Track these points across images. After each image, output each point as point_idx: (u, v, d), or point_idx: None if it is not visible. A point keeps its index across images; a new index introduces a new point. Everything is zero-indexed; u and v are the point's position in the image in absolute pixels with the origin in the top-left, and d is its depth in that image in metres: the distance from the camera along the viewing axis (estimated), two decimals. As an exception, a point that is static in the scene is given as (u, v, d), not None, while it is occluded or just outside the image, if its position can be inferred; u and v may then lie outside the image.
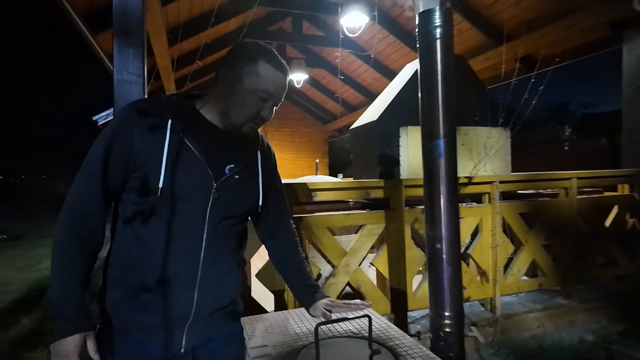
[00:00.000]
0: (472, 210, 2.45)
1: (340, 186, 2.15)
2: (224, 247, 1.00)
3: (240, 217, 1.05)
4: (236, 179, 1.01)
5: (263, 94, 0.97)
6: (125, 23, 1.73)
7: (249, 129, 1.02)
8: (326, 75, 7.42)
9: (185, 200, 0.93)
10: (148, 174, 0.91)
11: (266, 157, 1.14)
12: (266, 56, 0.98)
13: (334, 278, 2.13)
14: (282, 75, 1.00)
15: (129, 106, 0.96)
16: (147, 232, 0.92)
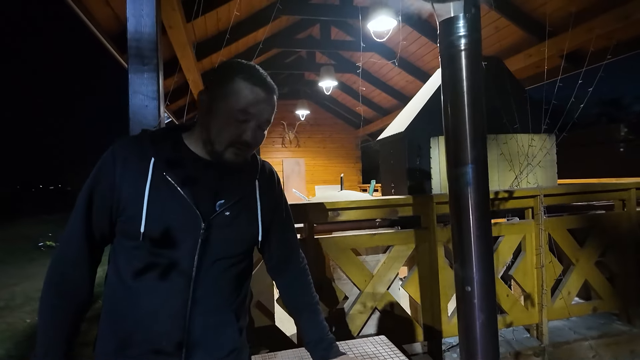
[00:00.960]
0: (514, 228, 2.23)
1: (364, 205, 2.02)
2: (217, 295, 0.91)
3: (236, 257, 0.95)
4: (227, 215, 0.91)
5: (241, 115, 0.86)
6: (140, 48, 1.71)
7: (233, 155, 0.89)
8: (357, 79, 7.28)
9: (171, 245, 0.85)
10: (131, 216, 0.84)
11: (267, 185, 1.03)
12: (243, 72, 0.88)
13: (361, 304, 1.99)
14: (263, 92, 0.88)
15: (112, 147, 0.90)
16: (132, 282, 0.86)
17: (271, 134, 8.74)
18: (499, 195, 2.16)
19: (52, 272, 0.87)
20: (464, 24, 0.96)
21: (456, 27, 0.97)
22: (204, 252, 0.87)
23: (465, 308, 1.02)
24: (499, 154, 2.46)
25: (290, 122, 8.68)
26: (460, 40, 0.97)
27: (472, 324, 1.01)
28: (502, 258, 2.19)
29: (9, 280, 6.37)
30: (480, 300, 0.99)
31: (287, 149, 8.82)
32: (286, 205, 1.12)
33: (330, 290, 1.99)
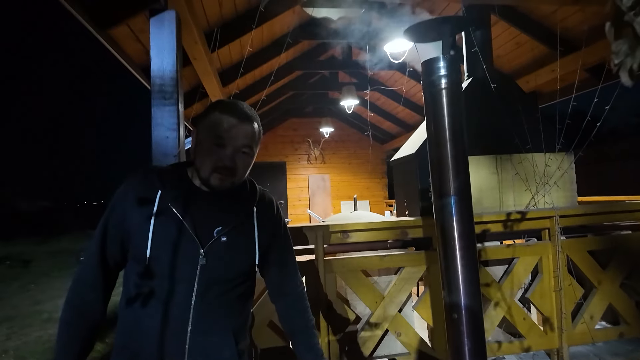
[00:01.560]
0: (530, 249, 2.19)
1: (374, 227, 2.07)
2: (215, 317, 0.99)
3: (234, 280, 1.03)
4: (224, 241, 0.99)
5: (217, 140, 0.97)
6: (162, 85, 1.87)
7: (217, 180, 0.98)
8: (380, 96, 7.34)
9: (173, 269, 0.95)
10: (138, 244, 0.95)
11: (265, 212, 1.11)
12: (219, 107, 1.00)
13: (372, 325, 2.02)
14: (235, 119, 0.98)
15: (125, 183, 1.02)
16: (138, 303, 0.96)
17: (297, 151, 8.92)
18: (511, 217, 2.14)
19: (72, 293, 0.99)
20: (443, 65, 1.02)
21: (437, 68, 1.03)
22: (203, 277, 0.96)
23: (453, 335, 1.05)
24: (514, 174, 2.44)
25: (315, 139, 8.83)
26: (440, 80, 1.02)
27: (460, 350, 1.03)
28: (518, 280, 2.16)
29: (53, 292, 6.79)
30: (468, 327, 1.02)
31: (312, 166, 8.95)
32: (285, 232, 1.19)
33: (341, 312, 2.04)
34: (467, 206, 1.03)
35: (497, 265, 2.24)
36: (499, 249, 2.18)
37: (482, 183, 2.44)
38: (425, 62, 1.06)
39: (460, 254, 1.02)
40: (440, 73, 1.02)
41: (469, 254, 1.02)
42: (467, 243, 1.02)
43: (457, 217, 1.02)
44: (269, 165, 8.70)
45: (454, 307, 1.04)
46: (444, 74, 1.02)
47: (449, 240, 1.04)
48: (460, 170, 1.03)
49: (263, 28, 4.00)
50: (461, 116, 1.04)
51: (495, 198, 2.45)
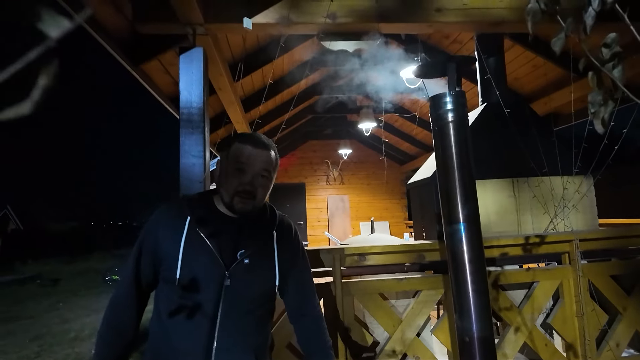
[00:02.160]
0: (549, 273, 2.17)
1: (390, 250, 2.11)
2: (238, 336, 1.06)
3: (256, 301, 1.10)
4: (246, 263, 1.07)
5: (238, 165, 1.08)
6: (190, 115, 2.02)
7: (240, 204, 1.08)
8: (398, 118, 7.43)
9: (199, 290, 1.03)
10: (169, 266, 1.04)
11: (284, 235, 1.20)
12: (240, 138, 1.12)
13: (390, 349, 2.04)
14: (253, 148, 1.09)
15: (157, 211, 1.14)
16: (167, 321, 1.04)
17: (316, 173, 9.04)
18: (530, 240, 2.14)
19: (109, 312, 1.09)
20: (450, 100, 1.10)
21: (443, 102, 1.10)
22: (227, 297, 1.04)
23: (465, 358, 1.08)
24: (532, 197, 2.45)
25: (334, 161, 8.94)
26: (447, 114, 1.10)
27: (473, 374, 1.06)
28: (538, 304, 2.14)
29: (80, 311, 7.01)
30: (480, 352, 1.05)
31: (331, 187, 9.03)
32: (303, 255, 1.27)
33: (359, 334, 2.06)
34: (476, 232, 1.08)
35: (517, 289, 2.22)
36: (518, 273, 2.17)
37: (499, 206, 2.45)
38: (432, 97, 1.13)
39: (471, 278, 1.07)
40: (447, 107, 1.10)
41: (479, 278, 1.07)
42: (477, 267, 1.07)
43: (466, 243, 1.07)
44: (289, 186, 8.83)
45: (466, 330, 1.07)
46: (451, 108, 1.09)
47: (460, 266, 1.08)
48: (469, 198, 1.09)
49: (284, 57, 4.19)
50: (467, 147, 1.11)
51: (513, 221, 2.45)
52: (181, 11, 1.97)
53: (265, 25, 2.18)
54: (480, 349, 1.05)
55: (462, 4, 2.30)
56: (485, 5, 2.31)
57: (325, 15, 2.16)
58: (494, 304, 2.09)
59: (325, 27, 2.22)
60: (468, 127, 1.11)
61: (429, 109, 1.15)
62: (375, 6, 2.21)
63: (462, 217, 1.07)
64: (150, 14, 2.13)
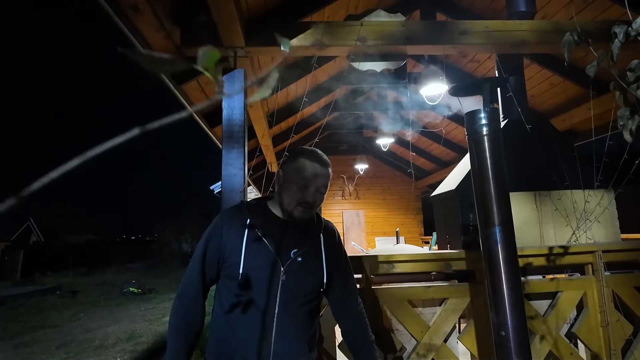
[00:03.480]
0: (573, 283, 2.24)
1: (417, 258, 2.21)
2: (293, 327, 1.18)
3: (307, 296, 1.23)
4: (299, 261, 1.21)
5: (303, 181, 1.20)
6: (232, 132, 2.18)
7: (300, 212, 1.22)
8: (414, 134, 7.55)
9: (260, 284, 1.16)
10: (232, 263, 1.17)
11: (330, 238, 1.33)
12: (305, 154, 1.25)
13: (417, 354, 2.11)
14: (319, 166, 1.23)
15: (221, 214, 1.28)
16: (231, 314, 1.16)
17: (332, 187, 9.17)
18: (553, 251, 2.22)
19: (178, 305, 1.22)
20: (484, 116, 1.23)
21: (478, 118, 1.23)
22: (283, 291, 1.17)
23: (501, 352, 1.17)
24: (554, 210, 2.53)
25: (349, 176, 9.08)
26: (482, 128, 1.22)
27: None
28: (562, 314, 2.20)
29: (102, 321, 7.16)
30: (515, 344, 1.15)
31: (346, 201, 9.14)
32: (346, 256, 1.40)
33: (387, 340, 2.15)
34: (510, 235, 1.19)
35: (541, 299, 2.29)
36: (542, 283, 2.24)
37: (522, 219, 2.54)
38: (468, 113, 1.27)
39: (505, 277, 1.17)
40: (482, 122, 1.23)
41: (513, 277, 1.17)
42: (511, 267, 1.17)
43: (501, 244, 1.18)
44: (305, 201, 8.97)
45: (502, 325, 1.17)
46: (485, 123, 1.22)
47: (495, 266, 1.19)
48: (503, 204, 1.20)
49: (307, 77, 4.39)
50: (501, 158, 1.23)
51: (536, 233, 2.53)
52: (226, 36, 2.16)
53: (301, 47, 2.36)
54: (516, 341, 1.14)
55: (484, 27, 2.45)
56: (507, 28, 2.46)
57: (356, 39, 2.33)
58: (520, 312, 2.16)
59: (356, 49, 2.39)
60: (501, 140, 1.23)
61: (465, 124, 1.28)
62: (403, 30, 2.37)
63: (497, 221, 1.18)
64: (195, 38, 2.33)
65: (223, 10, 1.90)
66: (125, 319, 7.34)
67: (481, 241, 1.24)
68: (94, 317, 7.64)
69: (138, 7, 2.00)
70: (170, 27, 2.27)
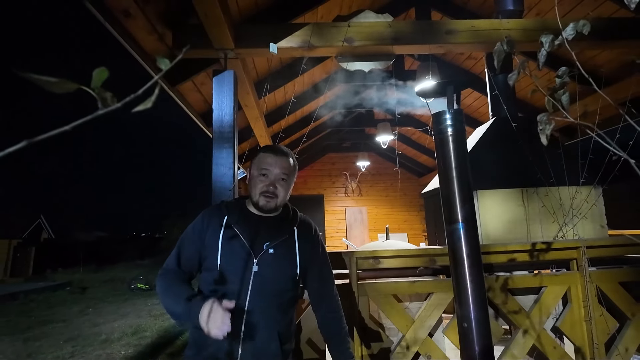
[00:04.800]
0: (557, 279, 2.27)
1: (403, 254, 2.26)
2: (263, 318, 1.24)
3: (280, 287, 1.29)
4: (271, 253, 1.28)
5: (262, 171, 1.31)
6: (222, 132, 2.25)
7: (265, 202, 1.30)
8: (415, 131, 7.57)
9: (234, 277, 1.23)
10: (210, 256, 1.26)
11: (304, 232, 1.40)
12: (262, 148, 1.36)
13: (403, 347, 2.17)
14: (274, 155, 1.32)
15: (202, 213, 1.36)
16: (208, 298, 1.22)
17: (334, 185, 9.23)
18: (537, 247, 2.26)
19: (164, 276, 1.28)
20: (449, 117, 1.28)
21: (444, 119, 1.28)
22: (255, 282, 1.24)
23: (464, 343, 1.22)
24: (541, 207, 2.56)
25: (352, 173, 9.12)
26: (447, 129, 1.28)
27: (471, 354, 1.21)
28: (546, 309, 2.23)
29: (109, 316, 7.34)
30: (477, 334, 1.20)
31: (349, 198, 9.19)
32: (323, 250, 1.46)
33: (374, 333, 2.21)
34: (472, 231, 1.24)
35: (526, 294, 2.32)
36: (526, 278, 2.28)
37: (509, 215, 2.57)
38: (434, 115, 1.32)
39: (468, 271, 1.22)
40: (447, 123, 1.28)
41: (476, 271, 1.22)
42: (473, 261, 1.22)
43: (465, 240, 1.23)
44: (308, 198, 9.04)
45: (465, 318, 1.23)
46: (450, 124, 1.27)
47: (459, 261, 1.24)
48: (466, 201, 1.25)
49: (304, 76, 4.45)
50: (465, 157, 1.28)
51: (523, 230, 2.56)
52: (216, 38, 2.23)
53: (289, 49, 2.42)
54: (478, 332, 1.20)
55: (470, 26, 2.48)
56: (493, 27, 2.49)
57: (343, 39, 2.38)
58: (503, 307, 2.20)
59: (343, 49, 2.44)
60: (465, 140, 1.28)
61: (432, 124, 1.33)
62: (389, 30, 2.42)
63: (460, 217, 1.24)
64: (187, 40, 2.40)
65: (210, 14, 1.97)
66: (132, 314, 7.50)
67: (446, 237, 1.29)
68: (102, 312, 7.83)
69: (129, 12, 2.07)
70: (162, 30, 2.35)
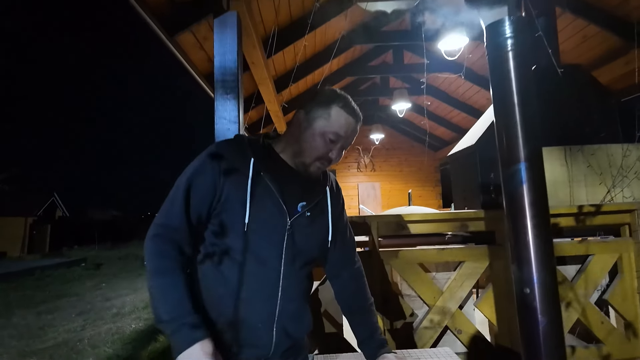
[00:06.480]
0: (607, 246, 2.00)
1: (432, 218, 2.00)
2: (298, 285, 1.04)
3: (311, 255, 1.08)
4: (307, 216, 1.05)
5: (332, 136, 1.02)
6: (224, 80, 1.99)
7: (317, 169, 1.06)
8: (433, 101, 7.18)
9: (263, 238, 0.98)
10: (232, 209, 0.96)
11: (335, 193, 1.17)
12: (340, 102, 1.04)
13: (429, 321, 1.95)
14: (354, 120, 1.05)
15: (217, 147, 1.02)
16: (228, 270, 0.97)
17: (346, 159, 8.93)
18: (584, 210, 1.98)
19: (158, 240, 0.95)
20: (509, 26, 0.99)
21: (502, 30, 1.00)
22: (288, 247, 1.00)
23: (525, 313, 0.98)
24: (587, 167, 2.26)
25: (365, 147, 8.80)
26: (507, 42, 0.99)
27: (533, 330, 0.96)
28: (593, 280, 1.97)
29: (121, 291, 7.33)
30: (542, 303, 0.95)
31: (362, 173, 8.91)
32: (345, 211, 1.22)
33: (396, 305, 1.99)
34: (538, 172, 0.97)
35: (569, 264, 2.06)
36: (571, 245, 2.01)
37: (550, 176, 2.28)
38: (489, 26, 1.03)
39: (532, 223, 0.96)
40: (506, 35, 0.99)
41: (542, 222, 0.96)
42: (539, 211, 0.96)
43: (527, 184, 0.97)
44: (320, 173, 8.80)
45: (526, 282, 0.97)
46: (510, 35, 0.99)
47: (519, 210, 0.98)
48: (531, 136, 0.98)
49: (315, 34, 4.11)
50: (529, 80, 0.99)
51: (566, 193, 2.28)
52: (215, -28, 1.93)
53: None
54: (543, 301, 0.94)
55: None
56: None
57: (363, -28, 2.06)
58: (545, 277, 1.95)
59: (362, -14, 2.12)
60: (530, 57, 1.00)
61: (485, 40, 1.04)
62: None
63: (523, 156, 0.97)
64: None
65: None
66: (144, 289, 7.48)
67: (503, 184, 1.02)
68: (115, 287, 7.84)
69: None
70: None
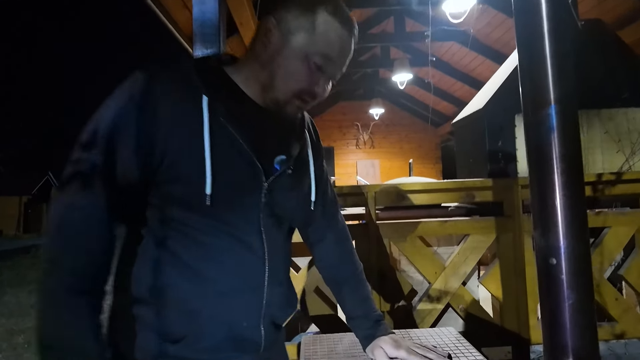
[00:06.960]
0: (624, 218, 1.84)
1: (434, 187, 1.83)
2: (283, 263, 0.81)
3: (293, 223, 0.84)
4: (289, 174, 0.75)
5: (320, 59, 0.69)
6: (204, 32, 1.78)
7: (295, 108, 0.75)
8: (435, 73, 6.90)
9: (235, 211, 0.70)
10: (185, 178, 0.67)
11: (312, 137, 0.89)
12: (328, 5, 0.70)
13: (430, 298, 1.80)
14: (348, 34, 0.72)
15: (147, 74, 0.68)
16: (193, 260, 0.69)
17: (345, 136, 8.71)
18: (602, 178, 1.81)
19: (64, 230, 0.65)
20: None
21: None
22: (266, 217, 0.73)
23: (549, 287, 0.82)
24: (604, 133, 2.08)
25: (364, 123, 8.56)
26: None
27: (559, 307, 0.80)
28: (609, 254, 1.82)
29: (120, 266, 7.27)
30: (571, 276, 0.79)
31: (361, 150, 8.71)
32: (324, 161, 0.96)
33: (394, 282, 1.84)
34: (572, 120, 0.79)
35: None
36: (586, 217, 1.85)
37: (562, 144, 2.10)
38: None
39: (561, 180, 0.79)
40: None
41: (574, 179, 0.79)
42: (571, 165, 0.78)
43: (558, 132, 0.78)
44: (318, 150, 8.62)
45: (550, 250, 0.81)
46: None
47: (545, 166, 0.80)
48: (563, 75, 0.79)
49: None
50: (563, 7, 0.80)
51: (579, 161, 2.10)
52: None
53: None
54: (572, 274, 0.78)
55: None
56: None
57: None
58: (556, 251, 1.80)
59: None
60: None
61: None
62: None
63: (553, 98, 0.78)
64: None
65: None
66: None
67: (526, 134, 0.84)
68: (111, 265, 7.78)
69: None
70: None
